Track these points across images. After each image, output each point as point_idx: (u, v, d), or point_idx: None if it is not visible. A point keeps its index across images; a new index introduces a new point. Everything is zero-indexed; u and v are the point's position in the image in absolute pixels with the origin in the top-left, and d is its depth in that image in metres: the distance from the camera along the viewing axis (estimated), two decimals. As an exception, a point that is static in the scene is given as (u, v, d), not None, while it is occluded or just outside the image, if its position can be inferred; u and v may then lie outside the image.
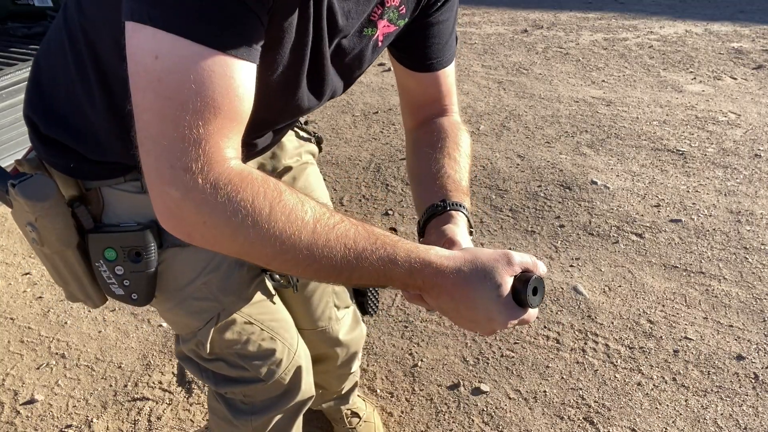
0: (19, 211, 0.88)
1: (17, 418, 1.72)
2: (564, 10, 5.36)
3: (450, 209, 0.89)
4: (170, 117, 0.62)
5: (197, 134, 0.62)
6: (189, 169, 0.62)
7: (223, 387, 1.09)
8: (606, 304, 2.02)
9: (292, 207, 0.67)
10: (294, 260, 0.68)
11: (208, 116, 0.63)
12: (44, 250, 0.90)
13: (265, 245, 0.66)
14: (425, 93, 1.04)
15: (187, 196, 0.63)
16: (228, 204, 0.64)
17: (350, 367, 1.44)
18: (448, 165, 0.96)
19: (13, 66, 2.20)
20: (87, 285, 0.94)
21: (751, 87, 3.64)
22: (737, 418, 1.63)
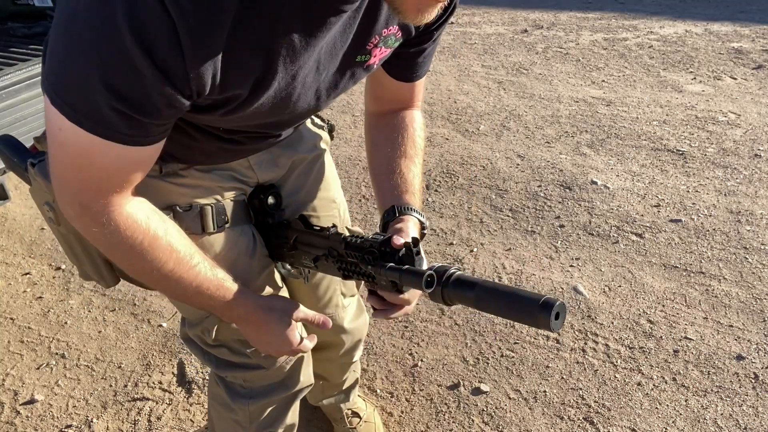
0: (38, 190, 0.91)
1: (17, 418, 1.72)
2: (564, 10, 5.36)
3: (400, 214, 1.01)
4: (72, 173, 0.75)
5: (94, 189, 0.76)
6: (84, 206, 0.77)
7: (225, 371, 1.13)
8: (606, 304, 2.02)
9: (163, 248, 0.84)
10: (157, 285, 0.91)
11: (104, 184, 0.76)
12: (60, 229, 0.94)
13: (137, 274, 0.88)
14: (397, 94, 1.10)
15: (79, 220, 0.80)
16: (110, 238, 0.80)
17: (353, 356, 1.45)
18: (403, 164, 1.06)
19: (13, 66, 2.19)
20: (101, 265, 0.98)
21: (751, 87, 3.64)
22: (737, 418, 1.63)
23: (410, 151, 1.08)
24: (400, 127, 1.10)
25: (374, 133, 1.14)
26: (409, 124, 1.10)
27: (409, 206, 1.02)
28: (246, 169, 1.06)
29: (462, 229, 2.45)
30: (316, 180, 1.19)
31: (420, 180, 1.08)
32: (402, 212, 1.01)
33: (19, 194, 2.72)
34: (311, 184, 1.18)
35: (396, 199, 1.03)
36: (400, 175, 1.06)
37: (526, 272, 2.19)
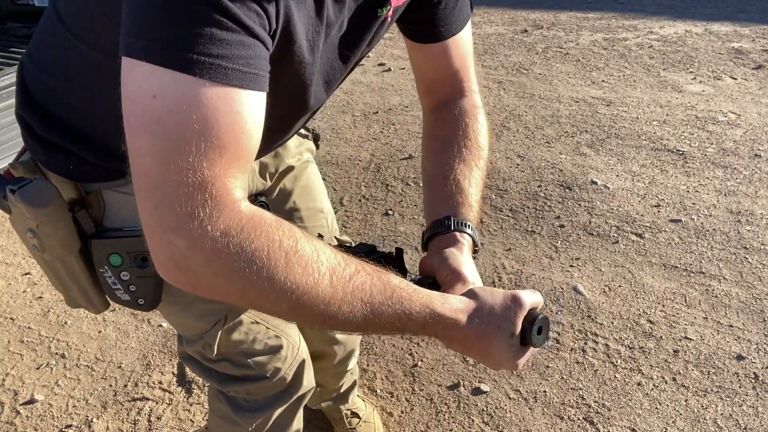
0: (20, 217, 0.85)
1: (17, 418, 1.72)
2: (564, 10, 5.36)
3: (455, 229, 0.87)
4: (172, 160, 0.57)
5: (202, 177, 0.57)
6: (196, 216, 0.57)
7: (227, 386, 1.09)
8: (606, 304, 2.02)
9: (309, 258, 0.62)
10: (310, 314, 0.64)
11: (213, 157, 0.57)
12: (45, 256, 0.87)
13: (281, 299, 0.62)
14: (435, 67, 0.98)
15: (195, 246, 0.58)
16: (241, 254, 0.59)
17: (347, 365, 1.44)
18: (459, 170, 0.92)
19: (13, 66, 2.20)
20: (89, 290, 0.92)
21: (751, 87, 3.64)
22: (737, 418, 1.63)
23: (466, 154, 0.94)
24: (454, 122, 0.97)
25: (427, 130, 1.02)
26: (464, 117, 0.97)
27: (465, 221, 0.89)
28: None
29: (462, 229, 2.45)
30: (303, 191, 1.17)
31: (479, 191, 0.93)
32: (457, 227, 0.88)
33: (19, 194, 2.72)
34: (298, 194, 1.16)
35: (450, 209, 0.89)
36: (455, 182, 0.91)
37: (526, 272, 2.19)
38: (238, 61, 0.58)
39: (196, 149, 0.57)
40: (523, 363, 0.77)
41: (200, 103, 0.56)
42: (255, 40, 0.59)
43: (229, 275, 0.60)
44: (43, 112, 0.86)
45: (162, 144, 0.57)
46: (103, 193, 0.88)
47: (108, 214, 0.89)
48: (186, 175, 0.57)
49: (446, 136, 0.96)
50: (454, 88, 1.00)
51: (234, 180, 0.60)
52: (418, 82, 1.03)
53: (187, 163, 0.57)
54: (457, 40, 0.96)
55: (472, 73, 1.01)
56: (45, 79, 0.85)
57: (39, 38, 0.86)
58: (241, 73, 0.58)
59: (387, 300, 0.68)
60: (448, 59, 0.97)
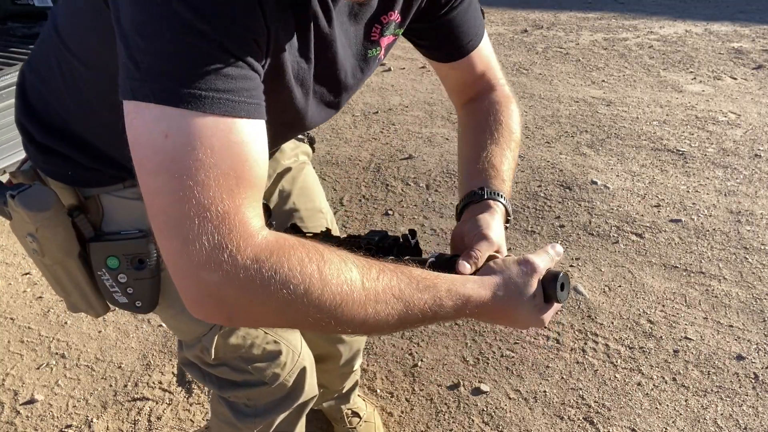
0: (19, 222, 0.86)
1: (17, 418, 1.72)
2: (564, 10, 5.36)
3: (488, 198, 0.90)
4: (191, 196, 0.57)
5: (224, 209, 0.58)
6: (225, 248, 0.58)
7: (227, 391, 1.09)
8: (606, 304, 2.02)
9: (339, 267, 0.63)
10: (349, 320, 0.65)
11: (231, 188, 0.58)
12: (45, 260, 0.88)
13: (320, 311, 0.62)
14: (464, 77, 1.02)
15: (228, 277, 0.58)
16: (275, 277, 0.59)
17: (352, 366, 1.44)
18: (491, 150, 0.95)
19: (13, 66, 2.20)
20: (89, 294, 0.93)
21: (751, 87, 3.64)
22: (737, 418, 1.63)
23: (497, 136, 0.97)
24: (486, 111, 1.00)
25: (462, 122, 1.05)
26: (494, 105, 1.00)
27: (497, 191, 0.91)
28: None
29: (462, 229, 2.45)
30: (301, 191, 1.18)
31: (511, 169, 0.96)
32: (490, 196, 0.90)
33: (19, 194, 2.72)
34: (297, 195, 1.17)
35: (484, 182, 0.92)
36: (487, 159, 0.94)
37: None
38: (243, 93, 0.60)
39: (214, 183, 0.58)
40: (549, 318, 0.81)
41: (213, 137, 0.58)
42: (253, 72, 0.62)
43: (265, 301, 0.60)
44: (41, 119, 0.87)
45: (180, 182, 0.57)
46: (101, 198, 0.89)
47: (106, 219, 0.90)
48: (208, 209, 0.57)
49: (479, 122, 1.00)
50: (483, 87, 1.03)
51: (252, 209, 0.61)
52: (448, 89, 1.06)
53: (207, 198, 0.57)
54: (479, 51, 0.99)
55: (498, 71, 1.04)
56: (42, 88, 0.87)
57: (38, 47, 0.89)
58: (247, 105, 0.60)
59: (416, 292, 0.69)
60: (474, 69, 1.01)
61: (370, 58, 0.86)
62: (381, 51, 0.87)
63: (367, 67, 0.88)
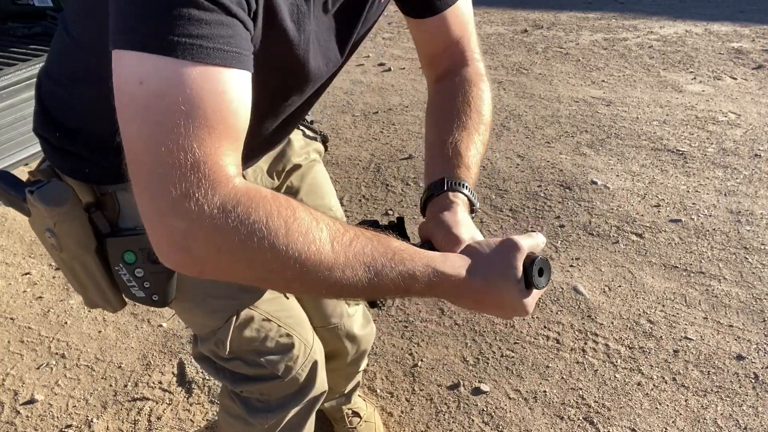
0: (38, 217, 0.88)
1: (17, 418, 1.72)
2: (564, 10, 5.36)
3: (448, 189, 0.87)
4: (162, 143, 0.58)
5: (194, 157, 0.58)
6: (191, 196, 0.58)
7: (240, 386, 1.10)
8: (606, 304, 2.02)
9: (308, 225, 0.63)
10: (314, 281, 0.64)
11: (202, 136, 0.58)
12: (63, 256, 0.90)
13: (285, 268, 0.62)
14: (435, 40, 0.98)
15: (194, 225, 0.59)
16: (241, 227, 0.59)
17: (359, 366, 1.45)
18: (458, 135, 0.91)
19: (13, 66, 2.19)
20: (106, 290, 0.94)
21: (751, 87, 3.64)
22: (737, 418, 1.63)
23: (465, 119, 0.93)
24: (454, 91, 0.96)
25: (429, 103, 1.00)
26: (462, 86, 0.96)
27: (460, 181, 0.87)
28: None
29: (462, 229, 2.45)
30: (310, 189, 1.18)
31: (478, 153, 0.92)
32: (451, 187, 0.87)
33: (19, 194, 2.72)
34: (305, 192, 1.17)
35: (446, 172, 0.88)
36: (453, 145, 0.90)
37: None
38: (219, 40, 0.59)
39: (184, 130, 0.58)
40: (532, 306, 0.77)
41: (184, 84, 0.58)
42: (234, 19, 0.60)
43: (232, 251, 0.60)
44: (58, 125, 0.90)
45: (151, 129, 0.58)
46: (117, 194, 0.91)
47: (122, 215, 0.91)
48: (177, 157, 0.58)
49: (446, 103, 0.96)
50: (455, 59, 0.99)
51: (226, 157, 0.60)
52: (421, 55, 1.03)
53: (177, 145, 0.58)
54: (455, 10, 0.95)
55: (474, 41, 1.00)
56: (56, 89, 0.89)
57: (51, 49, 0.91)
58: (222, 52, 0.59)
59: (389, 262, 0.68)
60: (448, 31, 0.96)
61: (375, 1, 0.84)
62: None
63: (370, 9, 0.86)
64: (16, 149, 2.19)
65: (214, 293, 0.98)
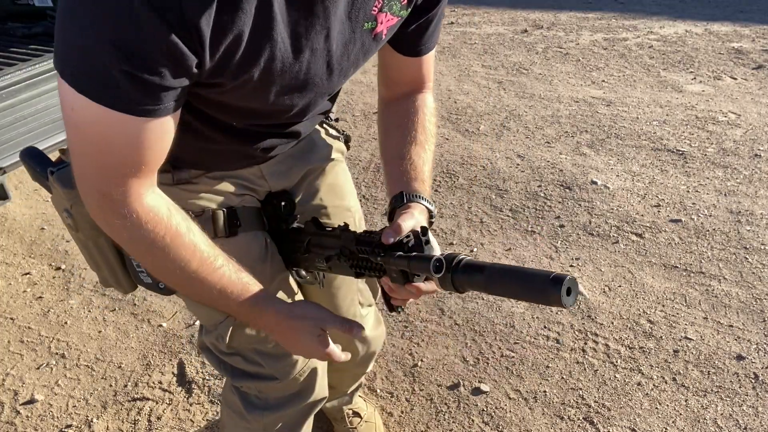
0: (57, 197, 0.95)
1: (17, 418, 1.72)
2: (564, 10, 5.36)
3: (408, 201, 0.99)
4: (90, 156, 0.75)
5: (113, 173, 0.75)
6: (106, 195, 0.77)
7: (239, 380, 1.12)
8: (606, 304, 2.02)
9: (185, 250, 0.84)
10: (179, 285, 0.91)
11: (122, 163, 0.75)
12: (79, 236, 0.97)
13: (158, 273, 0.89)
14: (406, 73, 1.09)
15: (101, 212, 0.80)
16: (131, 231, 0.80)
17: (367, 366, 1.45)
18: (414, 151, 1.05)
19: (13, 66, 2.19)
20: (118, 272, 1.00)
21: (751, 87, 3.64)
22: (737, 418, 1.63)
23: (420, 137, 1.07)
24: (410, 113, 1.09)
25: (386, 120, 1.13)
26: (419, 109, 1.09)
27: (417, 193, 1.00)
28: (258, 178, 1.07)
29: (462, 229, 2.45)
30: (329, 188, 1.19)
31: (430, 167, 1.07)
32: (410, 199, 0.99)
33: (19, 194, 2.72)
34: (324, 192, 1.18)
35: (405, 186, 1.01)
36: (410, 161, 1.04)
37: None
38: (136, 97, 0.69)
39: (105, 157, 0.75)
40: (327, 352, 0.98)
41: (106, 124, 0.70)
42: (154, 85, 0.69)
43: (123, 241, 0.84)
44: None
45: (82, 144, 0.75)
46: None
47: None
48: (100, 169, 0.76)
49: (403, 123, 1.08)
50: (414, 87, 1.11)
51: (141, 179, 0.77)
52: (383, 76, 1.12)
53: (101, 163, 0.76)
54: (429, 56, 1.07)
55: (431, 77, 1.13)
56: None
57: None
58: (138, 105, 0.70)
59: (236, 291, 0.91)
60: (418, 69, 1.08)
61: (364, 31, 0.88)
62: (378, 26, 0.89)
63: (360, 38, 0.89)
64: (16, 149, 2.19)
65: None
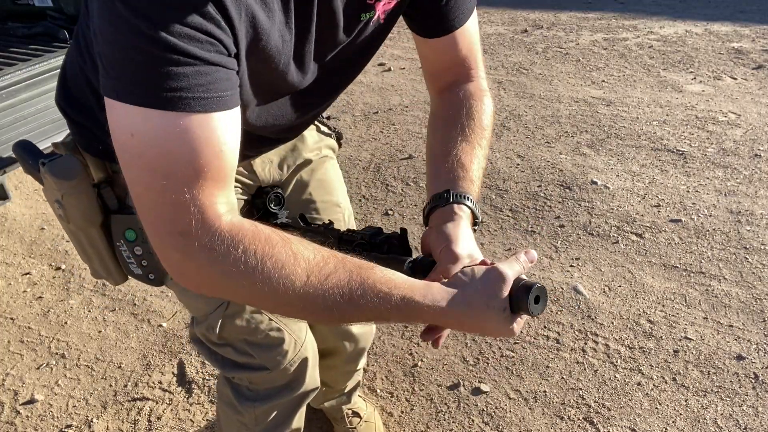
0: (48, 188, 0.94)
1: (17, 418, 1.72)
2: (564, 10, 5.36)
3: (453, 202, 0.87)
4: (158, 188, 0.65)
5: (186, 199, 0.65)
6: (185, 233, 0.66)
7: (230, 371, 1.13)
8: (606, 304, 2.02)
9: (284, 261, 0.69)
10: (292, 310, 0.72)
11: (193, 180, 0.65)
12: (70, 226, 0.96)
13: (263, 298, 0.71)
14: (442, 59, 0.99)
15: (187, 258, 0.68)
16: (224, 262, 0.67)
17: (357, 364, 1.45)
18: (461, 147, 0.93)
19: (13, 66, 2.19)
20: (108, 263, 0.99)
21: (751, 87, 3.64)
22: (737, 418, 1.63)
23: (469, 133, 0.94)
24: (456, 105, 0.97)
25: (432, 117, 1.02)
26: (466, 99, 0.97)
27: (464, 194, 0.88)
28: (248, 173, 1.07)
29: (462, 229, 2.45)
30: (319, 184, 1.19)
31: (481, 167, 0.94)
32: (456, 200, 0.87)
33: (19, 194, 2.72)
34: (314, 187, 1.18)
35: (451, 183, 0.89)
36: (456, 158, 0.91)
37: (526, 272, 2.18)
38: (198, 89, 0.63)
39: (177, 175, 0.65)
40: (519, 328, 0.79)
41: (171, 134, 0.63)
42: (211, 66, 0.64)
43: (218, 281, 0.69)
44: (75, 98, 0.94)
45: (148, 175, 0.65)
46: None
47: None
48: (171, 199, 0.65)
49: (451, 116, 0.97)
50: (460, 75, 1.00)
51: (215, 197, 0.67)
52: (425, 69, 1.04)
53: (171, 189, 0.65)
54: (462, 31, 0.96)
55: (479, 60, 1.01)
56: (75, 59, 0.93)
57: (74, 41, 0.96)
58: (203, 100, 0.64)
59: (366, 294, 0.72)
60: (455, 50, 0.98)
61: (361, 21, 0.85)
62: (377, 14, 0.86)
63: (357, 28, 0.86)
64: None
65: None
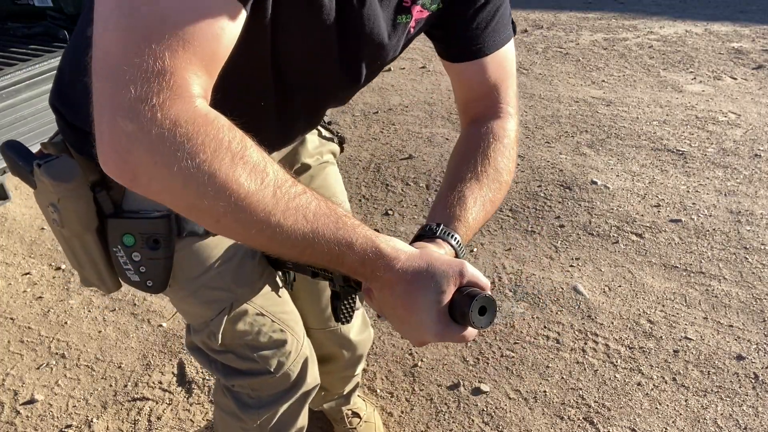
0: (43, 191, 0.90)
1: (17, 418, 1.72)
2: (564, 10, 5.36)
3: (438, 236, 0.83)
4: (135, 42, 0.57)
5: (162, 65, 0.57)
6: (149, 101, 0.57)
7: (232, 379, 1.10)
8: (606, 304, 2.02)
9: (255, 163, 0.61)
10: (247, 221, 0.62)
11: (176, 48, 0.58)
12: (64, 232, 0.91)
13: (219, 198, 0.60)
14: (469, 87, 0.96)
15: (142, 130, 0.57)
16: (186, 144, 0.58)
17: (354, 370, 1.44)
18: (468, 185, 0.89)
19: (13, 66, 2.19)
20: (102, 270, 0.95)
21: (751, 87, 3.64)
22: (737, 418, 1.63)
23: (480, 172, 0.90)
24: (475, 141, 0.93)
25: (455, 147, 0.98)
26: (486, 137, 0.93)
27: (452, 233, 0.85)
28: None
29: (462, 229, 2.45)
30: (318, 188, 1.18)
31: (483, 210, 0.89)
32: (442, 236, 0.84)
33: (19, 194, 2.71)
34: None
35: (445, 218, 0.87)
36: (460, 194, 0.88)
37: (526, 272, 2.19)
38: None
39: (160, 36, 0.57)
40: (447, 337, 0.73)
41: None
42: None
43: (169, 165, 0.58)
44: (70, 99, 0.91)
45: (128, 24, 0.58)
46: None
47: (127, 197, 0.92)
48: (146, 60, 0.57)
49: (467, 150, 0.94)
50: (487, 109, 0.96)
51: (195, 76, 0.60)
52: (456, 99, 1.01)
53: (149, 48, 0.57)
54: (491, 60, 0.93)
55: (510, 94, 0.96)
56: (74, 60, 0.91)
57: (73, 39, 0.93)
58: None
59: (330, 224, 0.66)
60: (484, 77, 0.94)
61: (398, 24, 0.84)
62: (412, 21, 0.85)
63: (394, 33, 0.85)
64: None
65: (210, 284, 0.99)
